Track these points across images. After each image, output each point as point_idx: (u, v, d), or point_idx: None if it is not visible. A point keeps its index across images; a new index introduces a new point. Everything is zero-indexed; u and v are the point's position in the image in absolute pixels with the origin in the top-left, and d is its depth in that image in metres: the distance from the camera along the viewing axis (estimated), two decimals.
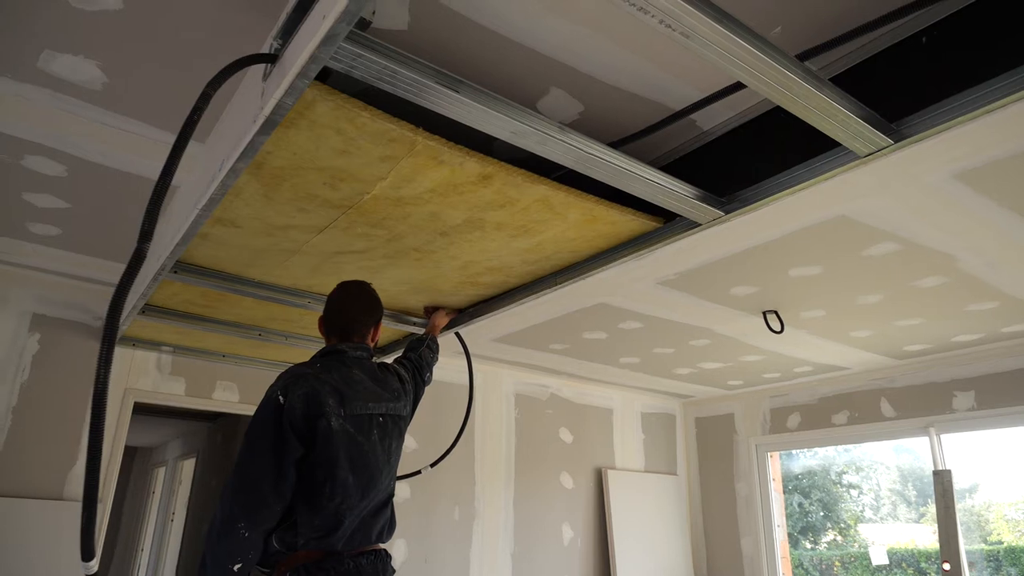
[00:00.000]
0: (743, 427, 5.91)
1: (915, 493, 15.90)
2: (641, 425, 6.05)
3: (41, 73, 1.88)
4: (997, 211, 2.55)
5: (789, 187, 1.76)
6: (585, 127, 2.03)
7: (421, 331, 3.03)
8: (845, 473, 15.75)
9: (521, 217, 2.04)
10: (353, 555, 1.87)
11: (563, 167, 1.90)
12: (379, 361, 2.26)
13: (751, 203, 1.86)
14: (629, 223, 2.08)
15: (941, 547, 4.37)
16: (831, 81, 1.45)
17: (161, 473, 8.64)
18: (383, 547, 1.99)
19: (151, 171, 2.43)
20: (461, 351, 3.21)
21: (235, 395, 3.97)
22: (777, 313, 3.74)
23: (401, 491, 4.36)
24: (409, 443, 4.42)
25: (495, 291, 2.74)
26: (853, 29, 1.58)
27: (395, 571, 2.03)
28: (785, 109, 1.47)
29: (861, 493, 15.97)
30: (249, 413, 3.92)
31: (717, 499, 5.97)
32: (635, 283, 3.39)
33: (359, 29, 1.27)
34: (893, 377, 4.96)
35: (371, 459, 1.93)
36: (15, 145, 2.25)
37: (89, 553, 1.16)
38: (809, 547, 14.75)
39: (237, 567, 1.71)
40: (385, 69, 1.34)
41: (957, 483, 4.49)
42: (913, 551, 12.98)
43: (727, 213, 1.92)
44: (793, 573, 5.61)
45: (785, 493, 5.90)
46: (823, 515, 15.14)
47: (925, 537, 14.12)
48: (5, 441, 3.26)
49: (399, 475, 2.17)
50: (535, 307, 3.68)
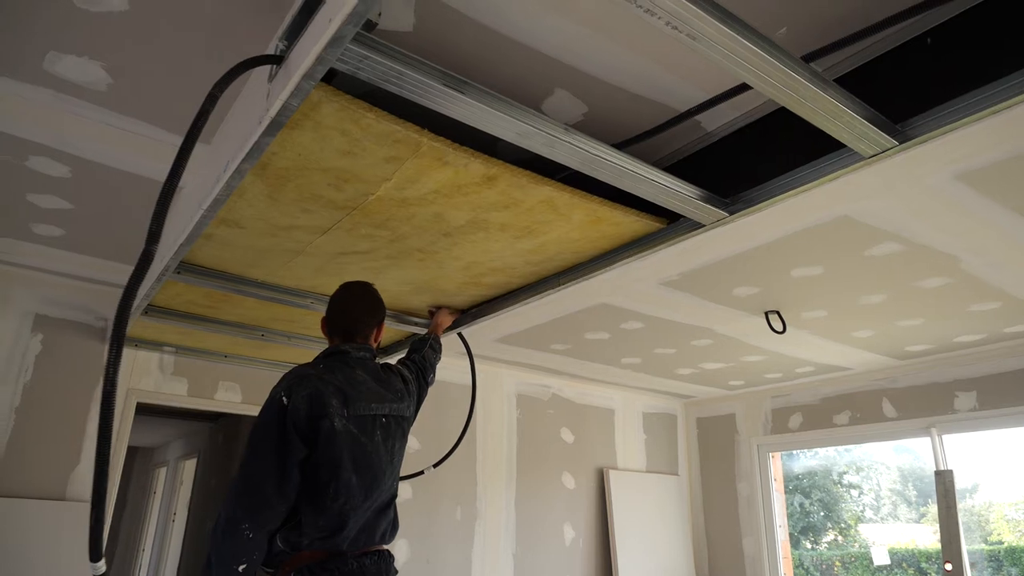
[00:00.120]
0: (744, 427, 5.91)
1: (915, 493, 15.89)
2: (642, 425, 6.05)
3: (46, 74, 1.88)
4: (999, 212, 2.55)
5: (793, 188, 1.76)
6: (589, 128, 2.03)
7: (424, 331, 3.03)
8: (846, 473, 15.74)
9: (525, 218, 2.04)
10: (357, 555, 1.87)
11: (567, 168, 1.90)
12: (382, 362, 2.26)
13: (755, 204, 1.86)
14: (633, 224, 2.08)
15: (943, 547, 4.37)
16: (835, 82, 1.45)
17: (162, 473, 8.64)
18: (386, 548, 2.00)
19: (154, 172, 2.43)
20: (463, 351, 3.21)
21: (237, 395, 3.97)
22: (779, 313, 3.74)
23: (403, 491, 4.36)
24: (412, 443, 4.42)
25: (498, 291, 2.75)
26: (858, 31, 1.58)
27: (398, 571, 2.03)
28: (788, 110, 1.47)
29: (861, 493, 15.95)
30: (251, 414, 3.93)
31: (719, 499, 5.97)
32: (637, 283, 3.39)
33: (365, 31, 1.27)
34: (895, 377, 4.96)
35: (374, 460, 1.93)
36: (19, 146, 2.26)
37: (97, 553, 1.16)
38: (809, 547, 14.74)
39: (242, 568, 1.71)
40: (391, 70, 1.34)
41: (957, 483, 4.49)
42: (913, 551, 12.98)
43: (731, 214, 1.92)
44: (794, 573, 5.60)
45: (786, 493, 5.89)
46: (823, 515, 15.13)
47: (925, 537, 14.11)
48: (8, 442, 3.26)
49: (402, 475, 2.17)
50: (537, 307, 3.69)
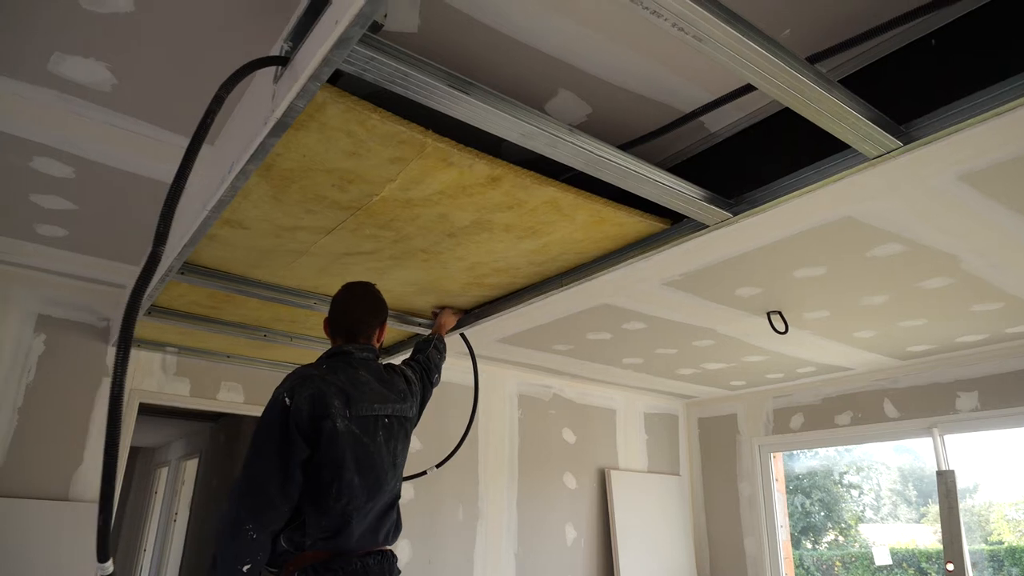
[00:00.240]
0: (746, 427, 5.91)
1: (915, 493, 15.87)
2: (644, 425, 6.05)
3: (51, 75, 1.88)
4: (1003, 213, 2.55)
5: (797, 189, 1.76)
6: (593, 129, 2.03)
7: (427, 332, 3.03)
8: (846, 473, 15.74)
9: (529, 219, 2.05)
10: (360, 555, 1.87)
11: (572, 169, 1.90)
12: (386, 362, 2.26)
13: (759, 205, 1.86)
14: (636, 225, 2.08)
15: (945, 547, 4.37)
16: (839, 83, 1.45)
17: (164, 473, 8.64)
18: (389, 548, 2.00)
19: (158, 172, 2.43)
20: (465, 351, 3.21)
21: (240, 396, 3.98)
22: (781, 314, 3.74)
23: (405, 492, 4.35)
24: (414, 444, 4.41)
25: (501, 292, 2.75)
26: (863, 32, 1.58)
27: (401, 572, 2.03)
28: (792, 111, 1.48)
29: (862, 493, 15.94)
30: (254, 414, 3.93)
31: (720, 499, 5.97)
32: (640, 284, 3.39)
33: (371, 32, 1.27)
34: (896, 378, 4.96)
35: (377, 460, 1.94)
36: (24, 147, 2.26)
37: (104, 554, 1.16)
38: (810, 547, 14.74)
39: (246, 568, 1.72)
40: (397, 72, 1.34)
41: (958, 483, 4.49)
42: (914, 551, 12.97)
43: (735, 215, 1.92)
44: (795, 574, 5.61)
45: (787, 493, 5.90)
46: (823, 515, 15.12)
47: (925, 537, 14.11)
48: (11, 442, 3.27)
49: (405, 476, 2.18)
50: (540, 308, 3.68)
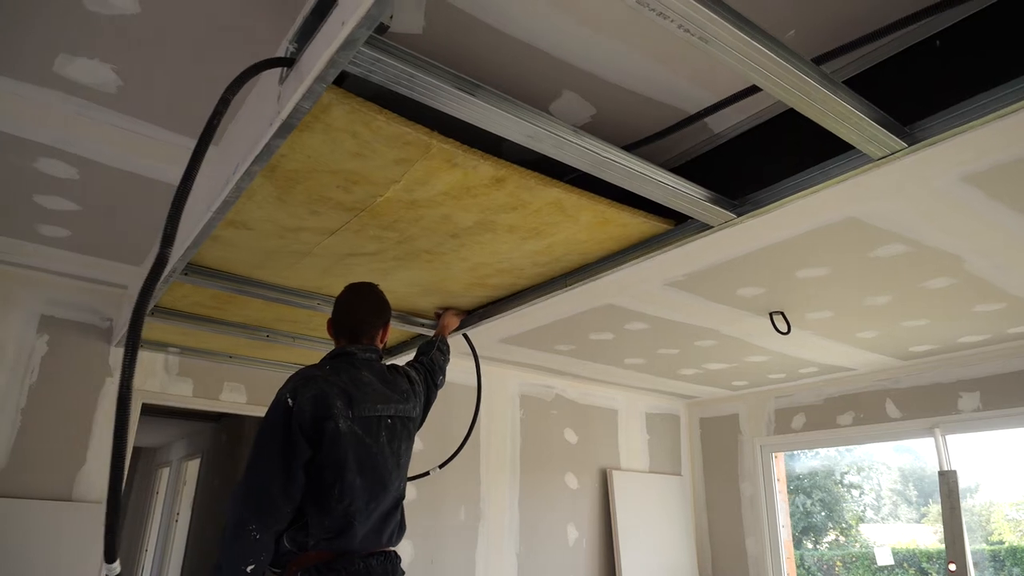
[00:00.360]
0: (748, 428, 5.91)
1: (916, 493, 15.85)
2: (645, 426, 6.06)
3: (56, 77, 1.88)
4: (1006, 213, 2.55)
5: (802, 190, 1.76)
6: (597, 130, 2.03)
7: (430, 332, 3.03)
8: (847, 473, 15.73)
9: (533, 219, 2.05)
10: (363, 556, 1.87)
11: (575, 169, 1.91)
12: (389, 363, 2.26)
13: (763, 205, 1.86)
14: (640, 225, 2.08)
15: (947, 547, 4.37)
16: (844, 84, 1.45)
17: (165, 473, 8.65)
18: (393, 549, 2.00)
19: (162, 173, 2.43)
20: (467, 352, 3.21)
21: (242, 396, 3.98)
22: (784, 314, 3.74)
23: (407, 492, 4.34)
24: (416, 444, 4.41)
25: (504, 292, 2.75)
26: (867, 34, 1.58)
27: (404, 573, 2.03)
28: (795, 111, 1.48)
29: (862, 493, 15.93)
30: (256, 414, 3.94)
31: (722, 499, 5.97)
32: (642, 284, 3.39)
33: (377, 34, 1.27)
34: (898, 378, 4.96)
35: (379, 461, 1.94)
36: (28, 148, 2.26)
37: (112, 555, 1.17)
38: (810, 547, 14.73)
39: (250, 568, 1.72)
40: (403, 73, 1.34)
41: (959, 483, 4.49)
42: (914, 551, 12.96)
43: (739, 215, 1.92)
44: (796, 574, 5.61)
45: (788, 493, 5.89)
46: (824, 515, 15.12)
47: (926, 537, 14.09)
48: (14, 443, 3.27)
49: (408, 476, 2.18)
50: (542, 308, 3.69)
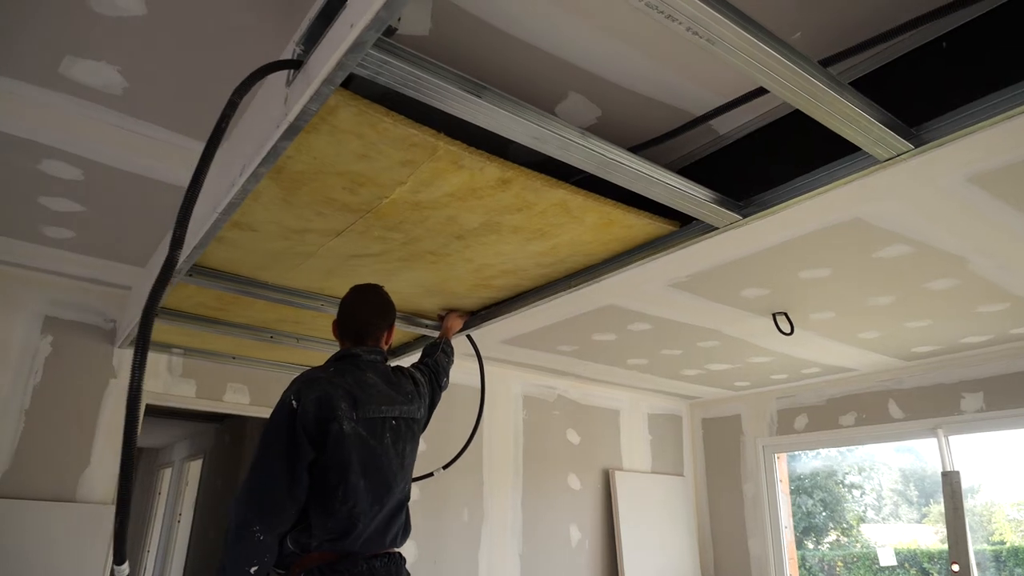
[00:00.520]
0: (750, 428, 5.90)
1: (917, 493, 15.85)
2: (648, 426, 6.06)
3: (62, 78, 1.89)
4: (1011, 214, 2.55)
5: (808, 191, 1.76)
6: (602, 131, 2.04)
7: (433, 333, 3.04)
8: (848, 473, 15.73)
9: (538, 221, 2.05)
10: (367, 557, 1.87)
11: (581, 171, 1.91)
12: (394, 365, 2.26)
13: (769, 207, 1.87)
14: (645, 227, 2.08)
15: (950, 548, 4.37)
16: (850, 86, 1.45)
17: (168, 474, 8.65)
18: (397, 551, 2.00)
19: (166, 175, 2.43)
20: (470, 352, 3.21)
21: (246, 397, 3.98)
22: (787, 315, 3.74)
23: (411, 493, 4.36)
24: (419, 445, 4.42)
25: (508, 294, 2.75)
26: (874, 36, 1.58)
27: (410, 574, 2.03)
28: (800, 113, 1.48)
29: (863, 493, 15.93)
30: (259, 415, 3.94)
31: (724, 500, 5.97)
32: (645, 285, 3.39)
33: (385, 36, 1.27)
34: (901, 378, 4.96)
35: (384, 462, 1.94)
36: (34, 149, 2.26)
37: (121, 556, 1.17)
38: (811, 547, 14.73)
39: (254, 570, 1.72)
40: (410, 75, 1.34)
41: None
42: (915, 551, 12.95)
43: (744, 217, 1.93)
44: (798, 574, 5.61)
45: (789, 494, 5.90)
46: (825, 515, 15.11)
47: (927, 537, 14.08)
48: (18, 444, 3.27)
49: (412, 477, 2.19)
50: (545, 309, 3.68)
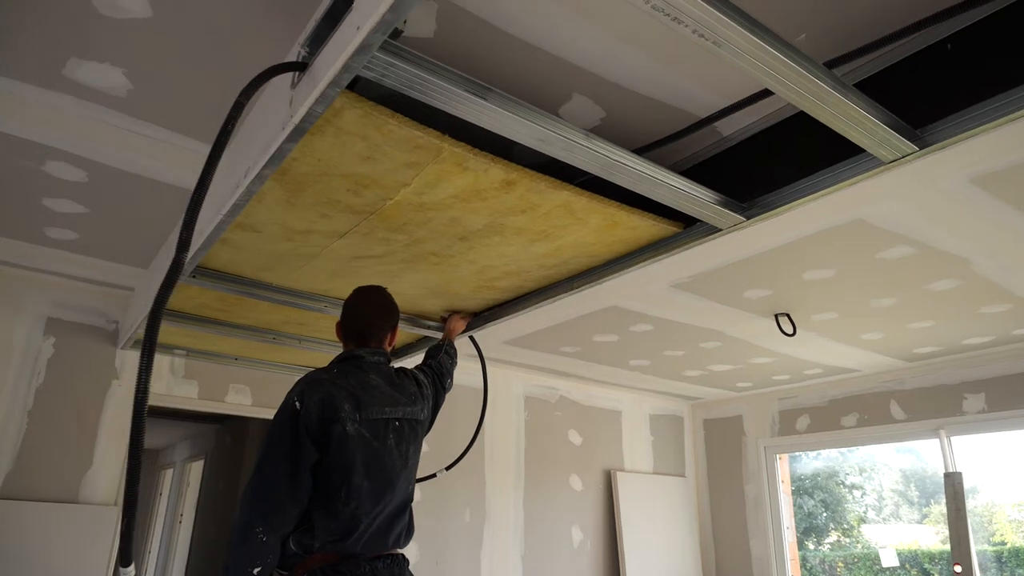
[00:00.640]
0: (752, 429, 5.90)
1: (917, 494, 15.84)
2: (649, 427, 6.05)
3: (67, 80, 1.89)
4: (1013, 215, 2.55)
5: (812, 193, 1.77)
6: (606, 132, 2.04)
7: (437, 335, 3.04)
8: (849, 474, 15.72)
9: (542, 222, 2.05)
10: (369, 559, 1.88)
11: (585, 172, 1.91)
12: (397, 366, 2.26)
13: (773, 208, 1.87)
14: (649, 228, 2.08)
15: (952, 549, 4.37)
16: (855, 87, 1.45)
17: (169, 475, 8.65)
18: (400, 552, 2.00)
19: (170, 176, 2.43)
20: (472, 353, 3.22)
21: (248, 398, 3.98)
22: (789, 316, 3.74)
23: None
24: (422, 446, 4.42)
25: (511, 295, 2.75)
26: (879, 38, 1.58)
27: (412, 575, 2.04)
28: (803, 114, 1.48)
29: (864, 494, 15.92)
30: (261, 416, 3.94)
31: (726, 501, 5.96)
32: (648, 286, 3.39)
33: (391, 38, 1.27)
34: (903, 379, 4.95)
35: (387, 464, 1.94)
36: (38, 151, 2.26)
37: (127, 558, 1.17)
38: (812, 548, 14.72)
39: (257, 571, 1.73)
40: (416, 77, 1.35)
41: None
42: (916, 552, 12.94)
43: (748, 219, 1.93)
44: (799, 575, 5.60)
45: (792, 495, 5.90)
46: (826, 516, 15.11)
47: (928, 538, 14.08)
48: (21, 445, 3.27)
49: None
50: (547, 310, 3.68)
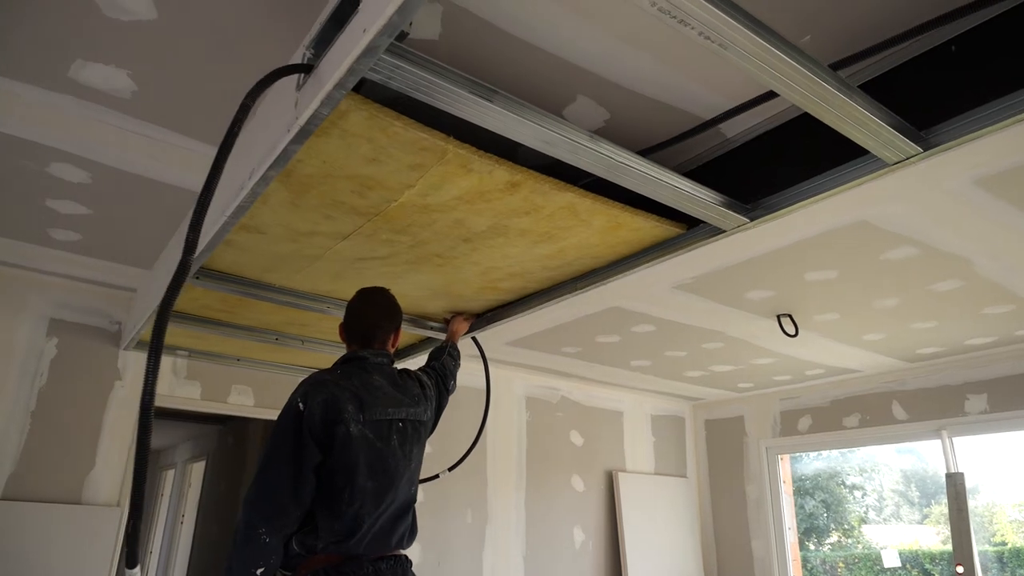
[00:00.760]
0: (753, 429, 5.90)
1: (918, 494, 15.83)
2: (651, 428, 6.05)
3: (71, 82, 1.89)
4: (1016, 216, 2.55)
5: (816, 194, 1.76)
6: (610, 134, 2.04)
7: (440, 336, 3.04)
8: (849, 475, 15.72)
9: (546, 224, 2.05)
10: (372, 560, 1.88)
11: (589, 174, 1.91)
12: (401, 367, 2.26)
13: (777, 210, 1.87)
14: (653, 229, 2.08)
15: (954, 549, 4.37)
16: (859, 89, 1.45)
17: (171, 476, 8.65)
18: (403, 553, 2.00)
19: (174, 177, 2.44)
20: (474, 354, 3.22)
21: (250, 399, 3.98)
22: (791, 316, 3.74)
23: None
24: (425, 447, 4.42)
25: (514, 296, 2.75)
26: (884, 40, 1.58)
27: None
28: (808, 116, 1.48)
29: (865, 494, 15.92)
30: (264, 417, 3.94)
31: (727, 501, 5.96)
32: (651, 287, 3.39)
33: (397, 40, 1.27)
34: (905, 380, 4.95)
35: (390, 464, 1.94)
36: (42, 152, 2.27)
37: (134, 560, 1.17)
38: (813, 548, 14.72)
39: (259, 571, 1.73)
40: (422, 80, 1.35)
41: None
42: (917, 552, 12.94)
43: (752, 220, 1.93)
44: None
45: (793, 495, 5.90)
46: (826, 516, 15.11)
47: (928, 538, 14.08)
48: (24, 446, 3.28)
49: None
50: (550, 311, 3.68)
